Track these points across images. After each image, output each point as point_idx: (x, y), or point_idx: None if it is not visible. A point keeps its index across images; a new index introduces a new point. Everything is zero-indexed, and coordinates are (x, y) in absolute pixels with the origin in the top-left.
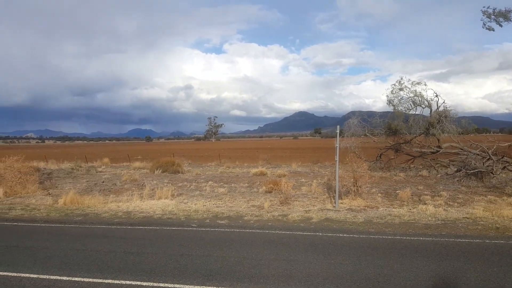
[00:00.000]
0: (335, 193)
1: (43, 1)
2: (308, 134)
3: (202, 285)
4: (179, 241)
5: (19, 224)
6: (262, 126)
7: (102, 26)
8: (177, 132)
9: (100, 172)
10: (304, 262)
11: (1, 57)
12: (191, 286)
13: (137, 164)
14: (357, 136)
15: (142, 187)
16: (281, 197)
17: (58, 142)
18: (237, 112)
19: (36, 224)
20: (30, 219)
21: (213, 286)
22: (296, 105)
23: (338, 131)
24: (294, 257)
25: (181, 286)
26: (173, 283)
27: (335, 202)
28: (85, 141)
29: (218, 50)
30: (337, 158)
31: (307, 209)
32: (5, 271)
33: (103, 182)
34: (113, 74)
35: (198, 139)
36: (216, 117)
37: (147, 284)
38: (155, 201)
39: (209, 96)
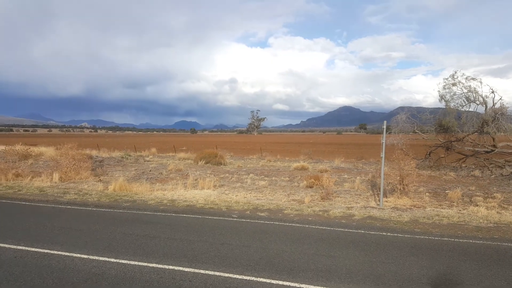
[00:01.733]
0: (380, 190)
1: None
2: (352, 130)
3: (241, 275)
4: (220, 231)
5: (72, 207)
6: (304, 120)
7: (153, 21)
8: (220, 125)
9: (147, 161)
10: (344, 259)
11: (60, 51)
12: (230, 275)
13: (182, 154)
14: (405, 133)
15: (186, 177)
16: (322, 192)
17: (110, 132)
18: (280, 106)
19: (88, 208)
20: (82, 203)
21: (252, 276)
22: (341, 100)
23: (384, 127)
24: (334, 253)
25: (221, 274)
26: (214, 271)
27: (379, 200)
28: (135, 132)
29: (263, 44)
30: (383, 155)
31: (349, 205)
32: (59, 251)
33: (150, 171)
34: (162, 67)
35: (241, 132)
36: (259, 110)
37: (188, 270)
38: (198, 190)
39: (253, 90)
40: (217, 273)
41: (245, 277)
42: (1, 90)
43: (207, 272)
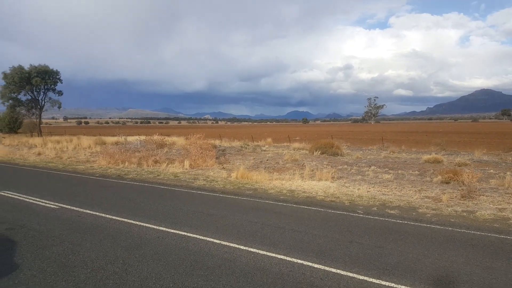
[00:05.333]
0: None
1: None
2: (492, 116)
3: (378, 279)
4: (346, 227)
5: (202, 193)
6: (431, 106)
7: (267, 14)
8: (333, 114)
9: (264, 151)
10: (506, 272)
11: (186, 49)
12: (365, 278)
13: (296, 144)
14: None
15: (302, 167)
16: (462, 189)
17: (229, 123)
18: (401, 92)
19: (215, 194)
20: (210, 189)
21: (391, 282)
22: (478, 82)
23: None
24: (492, 264)
25: (354, 275)
26: (345, 270)
27: None
28: (250, 122)
29: (382, 25)
30: None
31: (501, 207)
32: (195, 234)
33: (267, 160)
34: (275, 59)
35: (356, 121)
36: (377, 97)
37: (318, 267)
38: (316, 182)
39: (370, 75)
40: (350, 274)
41: (383, 282)
42: (139, 87)
43: (338, 271)
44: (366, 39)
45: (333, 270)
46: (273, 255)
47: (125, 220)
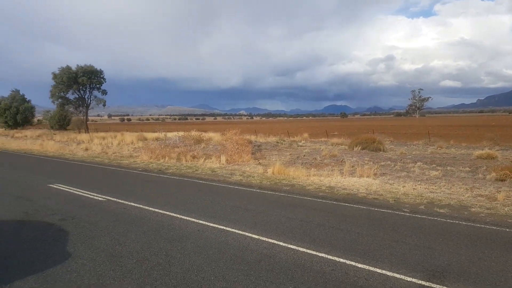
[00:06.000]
0: None
1: None
2: None
3: (428, 281)
4: (391, 226)
5: (239, 188)
6: (482, 98)
7: (303, 6)
8: (374, 108)
9: (300, 146)
10: None
11: (222, 46)
12: (413, 280)
13: (334, 140)
14: None
15: (341, 163)
16: None
17: (263, 118)
18: (449, 83)
19: (252, 190)
20: (247, 185)
21: (443, 285)
22: None
23: None
24: None
25: (401, 277)
26: (392, 271)
27: None
28: (285, 117)
29: (426, 12)
30: None
31: None
32: (232, 228)
33: (304, 156)
34: (312, 52)
35: (398, 114)
36: (422, 89)
37: (362, 267)
38: (356, 178)
39: (414, 66)
40: (397, 275)
41: (433, 285)
42: (178, 84)
43: (384, 272)
44: (409, 28)
45: (378, 270)
46: (314, 252)
47: (167, 213)
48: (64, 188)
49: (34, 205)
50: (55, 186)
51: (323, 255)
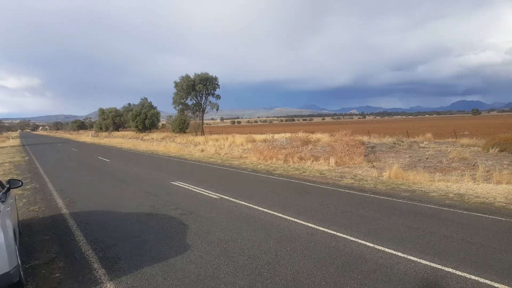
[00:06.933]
0: None
1: None
2: None
3: None
4: None
5: (350, 191)
6: None
7: None
8: None
9: (422, 147)
10: None
11: (331, 44)
12: None
13: (464, 140)
14: None
15: (474, 167)
16: None
17: (378, 117)
18: None
19: (365, 194)
20: (359, 189)
21: None
22: None
23: None
24: None
25: None
26: None
27: None
28: (404, 116)
29: None
30: None
31: None
32: (344, 234)
33: (427, 158)
34: (434, 43)
35: None
36: None
37: (500, 287)
38: (493, 185)
39: None
40: None
41: None
42: (285, 86)
43: None
44: None
45: None
46: (439, 266)
47: (276, 213)
48: (183, 186)
49: (159, 200)
50: (176, 183)
51: (450, 270)
